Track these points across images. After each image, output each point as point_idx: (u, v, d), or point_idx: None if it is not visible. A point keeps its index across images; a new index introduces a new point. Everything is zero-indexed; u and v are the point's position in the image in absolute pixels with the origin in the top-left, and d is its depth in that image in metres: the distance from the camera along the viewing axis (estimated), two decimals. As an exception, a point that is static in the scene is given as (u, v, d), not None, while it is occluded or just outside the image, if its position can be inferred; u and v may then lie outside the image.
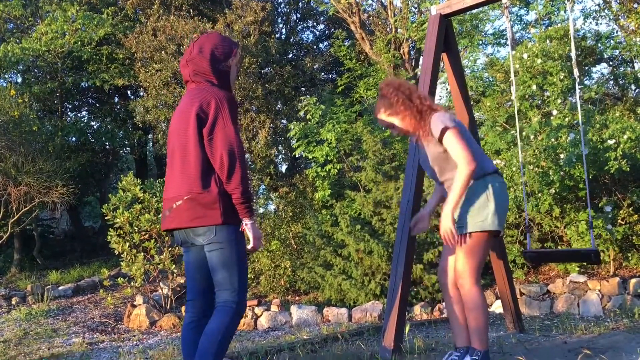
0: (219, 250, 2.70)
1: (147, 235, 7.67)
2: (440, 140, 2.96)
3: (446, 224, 2.94)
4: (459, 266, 3.02)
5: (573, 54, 3.80)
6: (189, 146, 2.71)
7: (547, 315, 6.82)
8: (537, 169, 7.25)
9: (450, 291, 3.13)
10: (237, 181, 2.66)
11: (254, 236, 2.77)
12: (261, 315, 7.52)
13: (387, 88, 3.13)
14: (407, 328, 4.29)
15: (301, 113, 10.08)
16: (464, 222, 3.01)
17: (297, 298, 8.51)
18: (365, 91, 10.95)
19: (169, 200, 2.79)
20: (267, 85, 11.14)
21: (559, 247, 7.58)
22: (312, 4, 13.83)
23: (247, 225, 2.74)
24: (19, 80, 12.74)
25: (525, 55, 7.96)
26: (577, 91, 4.17)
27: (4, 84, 11.50)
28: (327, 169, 9.30)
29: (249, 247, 2.79)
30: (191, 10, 11.18)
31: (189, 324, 2.87)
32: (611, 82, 10.44)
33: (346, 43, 11.82)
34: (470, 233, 2.98)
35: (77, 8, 11.49)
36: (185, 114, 2.76)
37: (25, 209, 9.95)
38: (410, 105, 3.06)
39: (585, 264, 7.35)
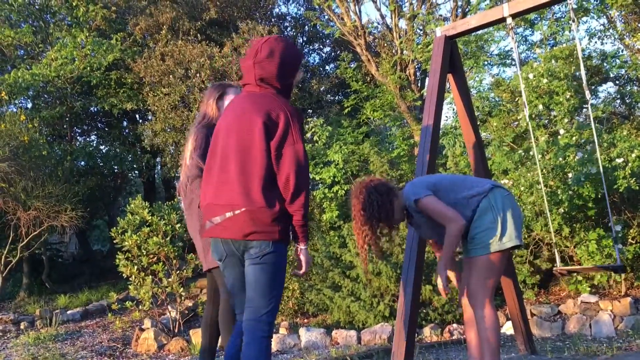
0: (268, 264, 2.57)
1: (155, 258, 7.67)
2: (420, 210, 3.08)
3: (438, 279, 3.14)
4: (471, 287, 3.01)
5: (583, 74, 3.82)
6: (254, 154, 2.56)
7: (559, 337, 6.73)
8: (545, 188, 7.22)
9: (469, 313, 3.13)
10: (300, 204, 2.56)
11: (306, 260, 2.69)
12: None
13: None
14: (417, 350, 4.25)
15: (308, 135, 10.12)
16: (474, 246, 3.02)
17: (305, 320, 8.44)
18: (371, 112, 10.99)
19: (219, 207, 2.61)
20: (274, 107, 11.19)
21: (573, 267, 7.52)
22: (317, 27, 13.97)
23: (301, 250, 2.66)
24: (29, 105, 12.87)
25: (531, 75, 7.98)
26: (590, 112, 4.24)
27: (15, 110, 11.63)
28: (335, 190, 9.30)
29: (301, 271, 2.70)
30: (199, 35, 11.31)
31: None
32: (618, 100, 10.44)
33: (352, 65, 11.90)
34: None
35: (87, 34, 11.65)
36: (248, 119, 2.60)
37: (35, 233, 9.98)
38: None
39: (595, 283, 7.31)
